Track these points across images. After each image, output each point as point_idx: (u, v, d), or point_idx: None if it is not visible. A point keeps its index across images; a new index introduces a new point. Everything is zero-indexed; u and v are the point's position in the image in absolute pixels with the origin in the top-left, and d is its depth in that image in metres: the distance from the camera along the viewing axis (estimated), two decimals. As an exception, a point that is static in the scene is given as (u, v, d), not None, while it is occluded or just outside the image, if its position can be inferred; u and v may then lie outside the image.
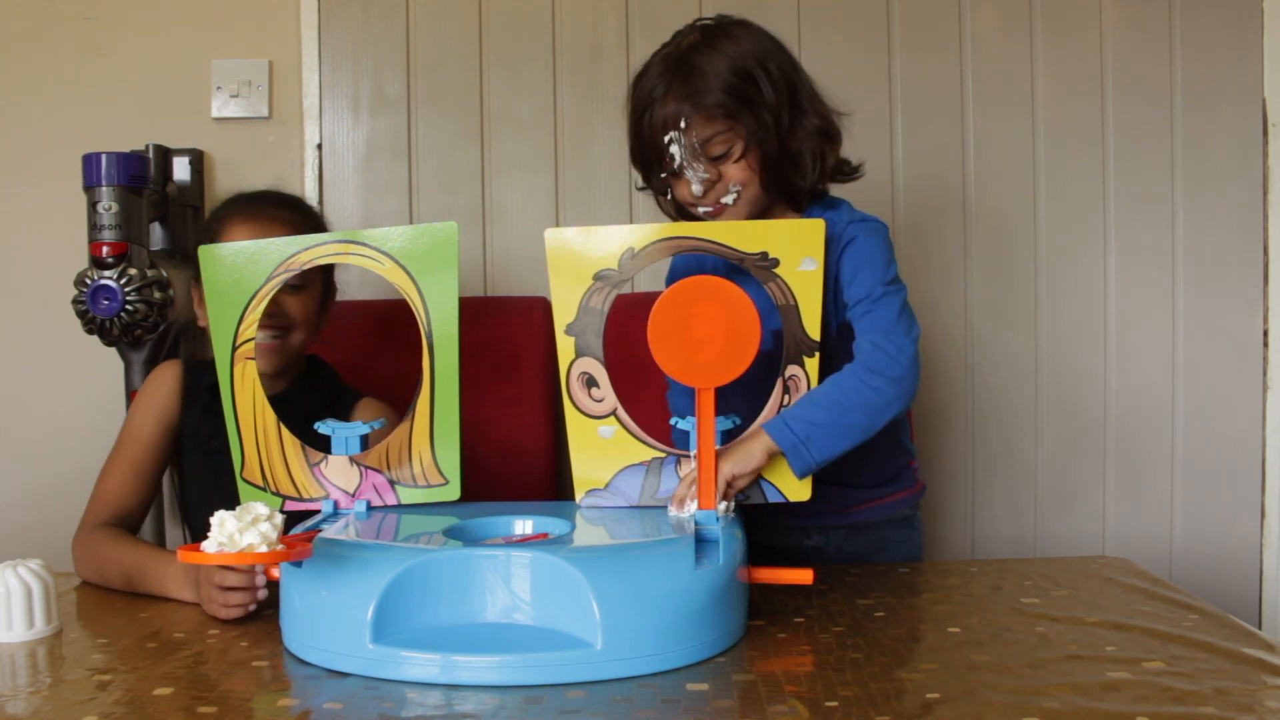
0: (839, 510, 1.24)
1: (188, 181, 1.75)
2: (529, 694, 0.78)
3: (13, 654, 0.89)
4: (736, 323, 0.94)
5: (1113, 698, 0.76)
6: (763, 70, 1.15)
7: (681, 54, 1.15)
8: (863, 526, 1.26)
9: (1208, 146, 1.81)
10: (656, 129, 1.14)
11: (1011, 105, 1.81)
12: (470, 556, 0.85)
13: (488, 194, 1.80)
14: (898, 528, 1.28)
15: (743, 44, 1.15)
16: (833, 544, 1.25)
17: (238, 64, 1.79)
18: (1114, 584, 1.06)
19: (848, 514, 1.25)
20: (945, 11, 1.81)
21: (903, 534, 1.29)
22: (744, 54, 1.15)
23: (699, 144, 1.13)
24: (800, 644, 0.89)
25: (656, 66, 1.16)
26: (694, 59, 1.14)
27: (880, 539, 1.27)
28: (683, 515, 0.98)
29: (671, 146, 1.13)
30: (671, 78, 1.14)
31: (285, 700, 0.79)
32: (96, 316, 1.50)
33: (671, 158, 1.14)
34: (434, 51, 1.80)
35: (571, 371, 1.04)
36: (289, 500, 1.06)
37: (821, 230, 1.02)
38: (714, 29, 1.17)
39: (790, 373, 1.04)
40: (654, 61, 1.18)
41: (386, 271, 1.03)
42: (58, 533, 1.78)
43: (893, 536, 1.28)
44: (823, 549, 1.26)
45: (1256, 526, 1.84)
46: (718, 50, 1.14)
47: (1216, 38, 1.81)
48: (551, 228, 1.04)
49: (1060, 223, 1.82)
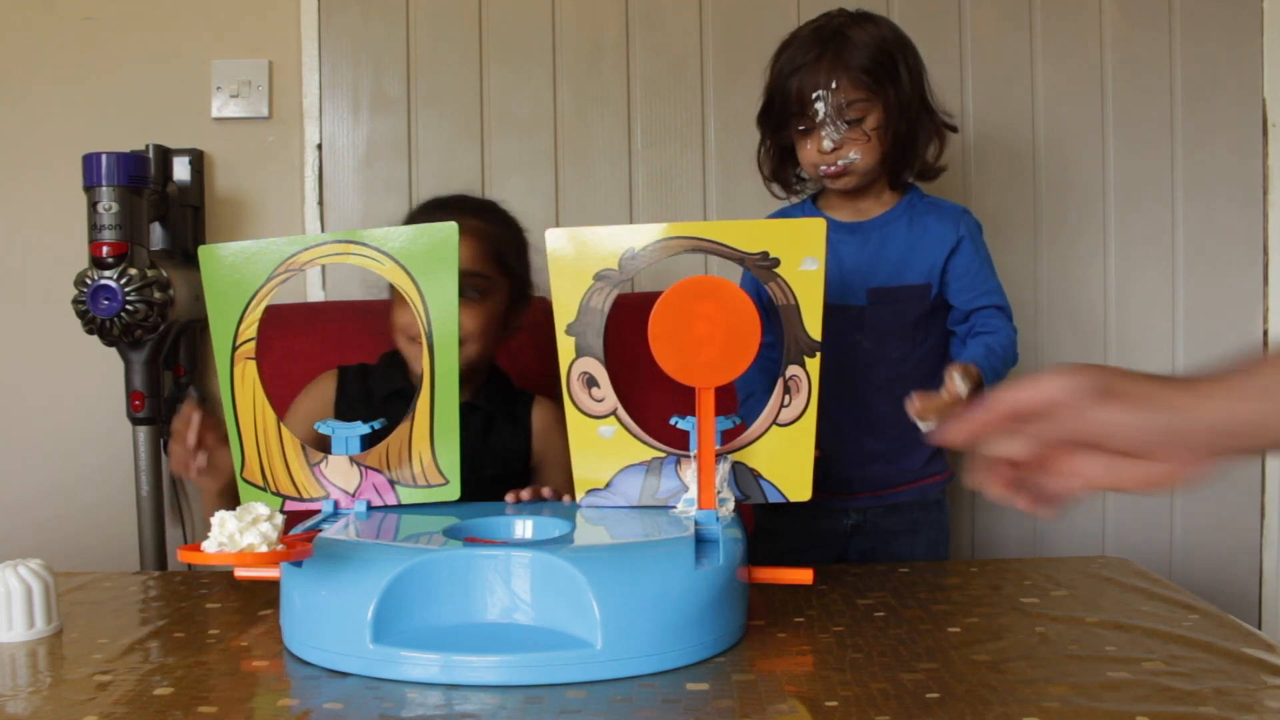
0: (878, 491, 1.38)
1: (188, 181, 1.75)
2: (529, 694, 0.78)
3: (13, 654, 0.89)
4: (737, 322, 0.94)
5: (1113, 698, 0.76)
6: (903, 58, 1.32)
7: (835, 28, 1.31)
8: (899, 507, 1.40)
9: (1208, 146, 1.81)
10: (806, 88, 1.29)
11: (1011, 104, 1.81)
12: (470, 556, 0.85)
13: (487, 194, 1.80)
14: (929, 510, 1.42)
15: (887, 31, 1.33)
16: (870, 522, 1.39)
17: (238, 64, 1.79)
18: (1114, 584, 1.06)
19: (885, 495, 1.39)
20: (945, 11, 1.81)
21: (934, 516, 1.42)
22: (888, 40, 1.32)
23: (844, 104, 1.28)
24: (800, 644, 0.89)
25: (807, 37, 1.32)
26: (848, 33, 1.31)
27: (914, 520, 1.40)
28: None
29: (818, 103, 1.29)
30: (825, 45, 1.30)
31: (285, 700, 0.79)
32: (96, 316, 1.50)
33: (815, 112, 1.29)
34: (434, 51, 1.80)
35: (572, 371, 1.04)
36: (289, 500, 1.06)
37: (822, 230, 1.02)
38: (863, 14, 1.35)
39: (790, 373, 1.04)
40: (803, 33, 1.34)
41: (386, 271, 1.03)
42: (58, 532, 1.79)
43: (925, 518, 1.41)
44: (861, 526, 1.40)
45: (1256, 526, 1.84)
46: (866, 31, 1.31)
47: (1216, 37, 1.81)
48: (551, 228, 1.04)
49: (1060, 222, 1.82)
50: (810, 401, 1.03)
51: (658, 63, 1.81)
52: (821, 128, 1.29)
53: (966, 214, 1.38)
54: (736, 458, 1.03)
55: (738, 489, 1.02)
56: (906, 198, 1.38)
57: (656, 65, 1.81)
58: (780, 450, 1.02)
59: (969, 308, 1.34)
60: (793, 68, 1.31)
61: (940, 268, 1.35)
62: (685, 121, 1.80)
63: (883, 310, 1.35)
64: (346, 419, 1.26)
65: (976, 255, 1.35)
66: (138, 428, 1.64)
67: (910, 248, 1.35)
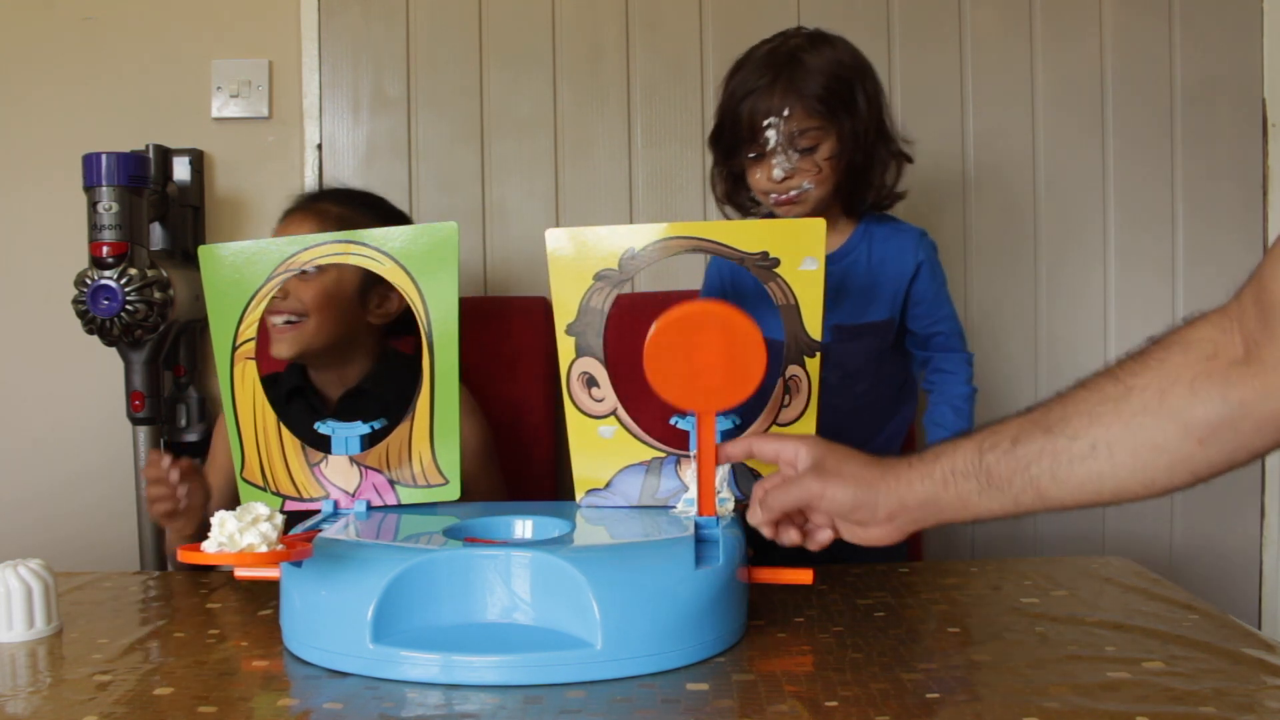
0: None
1: (188, 181, 1.75)
2: (529, 694, 0.78)
3: (13, 654, 0.89)
4: (738, 350, 0.89)
5: (1113, 698, 0.76)
6: (860, 85, 1.26)
7: (789, 51, 1.25)
8: None
9: (1208, 146, 1.81)
10: (758, 114, 1.23)
11: (1011, 105, 1.81)
12: (470, 556, 0.85)
13: (488, 194, 1.81)
14: None
15: (844, 56, 1.27)
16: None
17: (238, 64, 1.79)
18: (1114, 584, 1.06)
19: None
20: (945, 11, 1.81)
21: None
22: (845, 65, 1.26)
23: (796, 132, 1.23)
24: (800, 644, 0.89)
25: (761, 60, 1.26)
26: (802, 57, 1.24)
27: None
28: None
29: (769, 131, 1.23)
30: (779, 70, 1.24)
31: (285, 700, 0.79)
32: (96, 316, 1.50)
33: (766, 140, 1.23)
34: (434, 51, 1.80)
35: (572, 371, 1.04)
36: (289, 500, 1.06)
37: (822, 229, 1.02)
38: (819, 36, 1.28)
39: (791, 373, 1.04)
40: (757, 55, 1.27)
41: (386, 271, 1.03)
42: (58, 532, 1.79)
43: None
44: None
45: (1256, 526, 1.84)
46: (822, 55, 1.25)
47: (1216, 37, 1.80)
48: (551, 228, 1.04)
49: (1060, 223, 1.82)
50: (810, 401, 1.03)
51: (658, 63, 1.81)
52: (773, 156, 1.24)
53: (924, 237, 1.33)
54: (736, 458, 1.03)
55: (738, 489, 1.02)
56: (863, 224, 1.33)
57: (656, 65, 1.81)
58: (780, 450, 1.02)
59: (926, 333, 1.32)
60: (745, 91, 1.25)
61: (902, 297, 1.32)
62: (685, 121, 1.80)
63: (848, 347, 1.31)
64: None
65: (934, 281, 1.32)
66: (138, 428, 1.64)
67: (872, 282, 1.31)
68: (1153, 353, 0.77)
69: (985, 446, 0.80)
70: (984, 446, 0.80)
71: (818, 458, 0.86)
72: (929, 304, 1.32)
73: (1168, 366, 0.75)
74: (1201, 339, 0.75)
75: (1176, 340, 0.76)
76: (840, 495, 0.84)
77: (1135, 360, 0.77)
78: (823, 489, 0.85)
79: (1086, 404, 0.78)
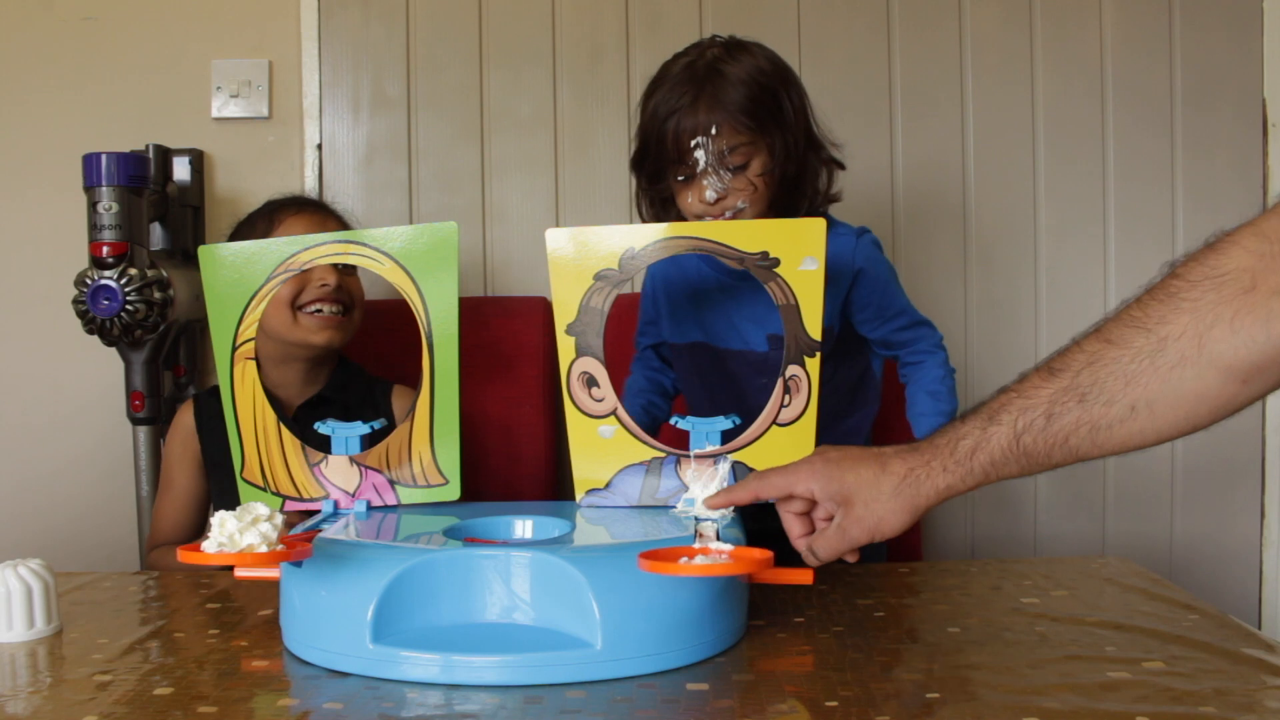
0: None
1: (188, 181, 1.75)
2: (529, 694, 0.78)
3: (13, 654, 0.89)
4: None
5: (1113, 698, 0.76)
6: (784, 91, 1.20)
7: (708, 64, 1.19)
8: None
9: (1207, 146, 1.81)
10: (684, 133, 1.17)
11: (1011, 105, 1.82)
12: (470, 556, 0.85)
13: (488, 194, 1.81)
14: None
15: (764, 63, 1.20)
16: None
17: (238, 64, 1.79)
18: (1114, 584, 1.06)
19: None
20: (945, 10, 1.81)
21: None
22: (766, 73, 1.19)
23: (726, 150, 1.16)
24: (800, 644, 0.89)
25: (680, 76, 1.20)
26: (722, 69, 1.18)
27: None
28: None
29: (697, 151, 1.17)
30: (701, 86, 1.17)
31: (285, 700, 0.79)
32: (96, 316, 1.50)
33: (695, 162, 1.17)
34: (434, 51, 1.80)
35: (572, 371, 1.04)
36: (289, 500, 1.06)
37: (822, 229, 1.02)
38: (736, 44, 1.22)
39: (791, 373, 1.04)
40: (673, 70, 1.21)
41: (386, 271, 1.03)
42: (58, 533, 1.79)
43: None
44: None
45: (1256, 527, 1.84)
46: (743, 65, 1.19)
47: (1216, 38, 1.81)
48: (551, 228, 1.04)
49: (1060, 223, 1.82)
50: (810, 401, 1.03)
51: (657, 63, 1.78)
52: (704, 177, 1.17)
53: (862, 239, 1.25)
54: (736, 458, 1.03)
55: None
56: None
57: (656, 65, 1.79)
58: (780, 450, 1.02)
59: (885, 338, 1.26)
60: (668, 111, 1.18)
61: (839, 308, 1.24)
62: (685, 121, 1.80)
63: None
64: (208, 440, 1.34)
65: (877, 282, 1.25)
66: (138, 428, 1.64)
67: None
68: (1182, 292, 0.72)
69: (1019, 429, 0.79)
70: (1018, 429, 0.79)
71: (837, 493, 0.86)
72: (876, 307, 1.25)
73: (1202, 308, 0.71)
74: (1236, 270, 0.70)
75: (1207, 275, 0.71)
76: (894, 526, 0.85)
77: (1162, 303, 0.73)
78: (876, 525, 0.85)
79: (1119, 364, 0.75)
